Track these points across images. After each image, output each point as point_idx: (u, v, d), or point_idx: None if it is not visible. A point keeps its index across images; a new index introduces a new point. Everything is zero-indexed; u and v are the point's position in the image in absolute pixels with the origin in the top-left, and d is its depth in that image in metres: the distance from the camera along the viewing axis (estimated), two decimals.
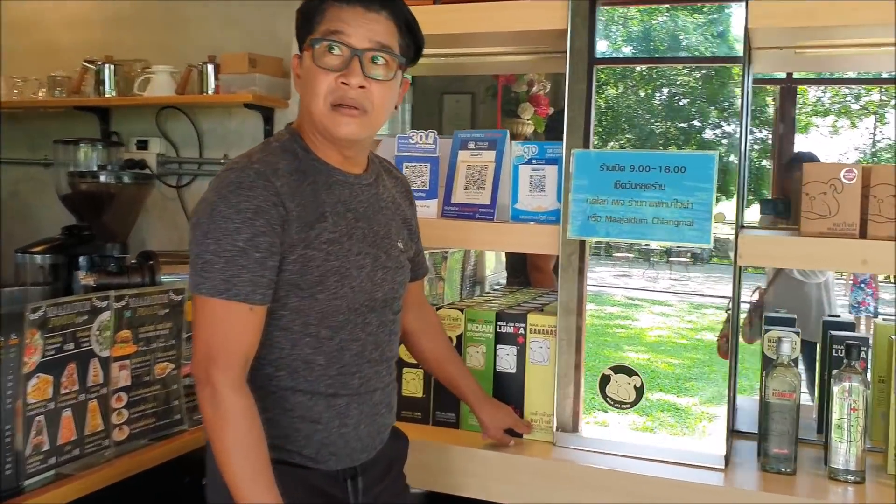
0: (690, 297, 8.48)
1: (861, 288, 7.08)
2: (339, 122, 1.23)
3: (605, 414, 1.69)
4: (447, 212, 1.84)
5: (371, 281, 1.29)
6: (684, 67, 1.84)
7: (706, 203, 1.57)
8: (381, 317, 1.32)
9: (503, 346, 1.76)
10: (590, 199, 1.65)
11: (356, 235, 1.28)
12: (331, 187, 1.28)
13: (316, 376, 1.25)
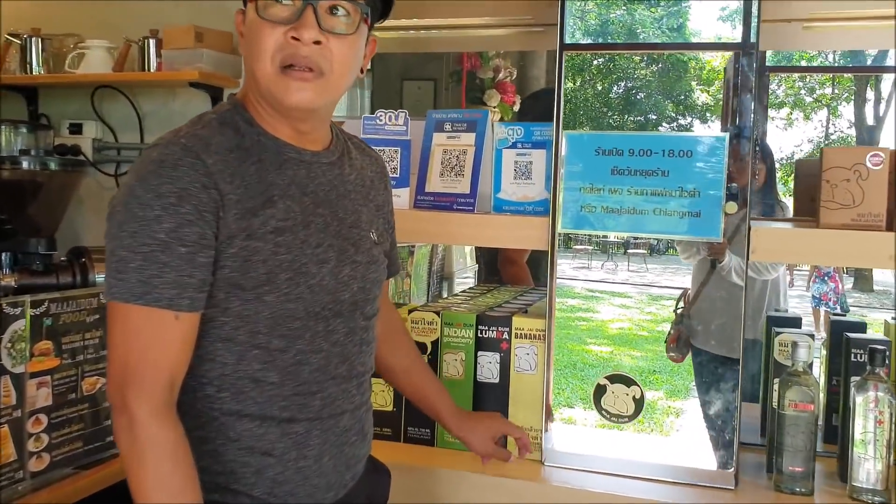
0: (649, 289, 8.53)
1: (824, 281, 7.05)
2: (290, 88, 1.01)
3: (596, 418, 1.50)
4: (420, 202, 1.63)
5: (335, 279, 1.07)
6: (641, 59, 1.70)
7: (715, 191, 1.39)
8: (349, 323, 1.11)
9: (485, 352, 1.57)
10: (583, 188, 1.46)
11: (315, 224, 1.06)
12: (282, 167, 1.06)
13: (267, 397, 1.03)
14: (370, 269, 1.15)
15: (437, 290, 3.21)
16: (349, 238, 1.12)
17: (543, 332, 1.52)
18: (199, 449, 1.01)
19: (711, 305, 1.55)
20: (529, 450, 1.42)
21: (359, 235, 1.14)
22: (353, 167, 1.18)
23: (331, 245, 1.08)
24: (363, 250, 1.13)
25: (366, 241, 1.15)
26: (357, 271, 1.12)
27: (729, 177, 1.39)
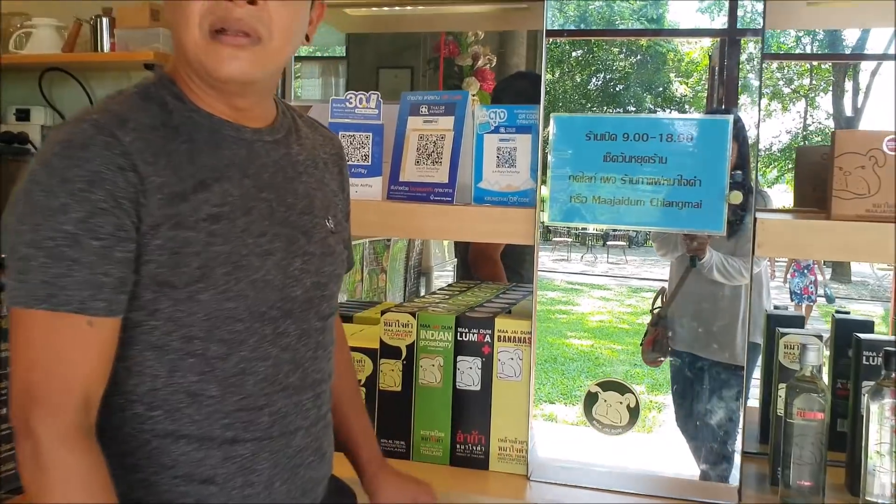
0: (629, 281, 8.55)
1: (803, 274, 7.00)
2: (221, 57, 0.87)
3: (584, 429, 1.38)
4: (394, 192, 1.49)
5: (284, 273, 0.93)
6: (620, 51, 1.63)
7: (718, 180, 1.27)
8: (301, 324, 0.97)
9: (465, 357, 1.43)
10: (573, 176, 1.33)
11: (258, 210, 0.92)
12: (218, 146, 0.92)
13: (206, 415, 0.89)
14: (326, 262, 1.00)
15: (414, 286, 3.08)
16: (299, 226, 0.97)
17: (529, 334, 1.39)
18: (128, 479, 0.86)
19: (695, 306, 1.42)
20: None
21: (311, 223, 0.99)
22: (304, 146, 1.04)
23: (277, 234, 0.94)
24: (317, 240, 0.99)
25: (320, 229, 1.00)
26: (310, 264, 0.97)
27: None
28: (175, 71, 0.94)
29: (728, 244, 1.34)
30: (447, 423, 1.44)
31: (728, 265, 1.35)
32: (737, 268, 1.36)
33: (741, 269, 1.35)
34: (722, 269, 1.35)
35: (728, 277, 1.36)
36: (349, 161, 1.50)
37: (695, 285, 1.38)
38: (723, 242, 1.34)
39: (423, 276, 3.22)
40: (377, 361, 1.47)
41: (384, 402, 1.47)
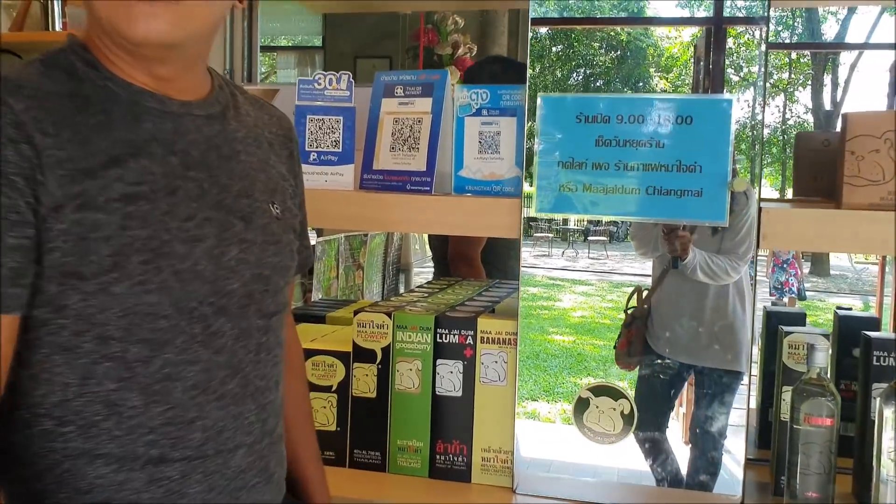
0: (610, 276, 8.54)
1: (783, 268, 6.93)
2: (134, 15, 0.75)
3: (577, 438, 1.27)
4: (368, 182, 1.37)
5: (217, 263, 0.82)
6: (601, 46, 1.56)
7: (720, 166, 1.16)
8: (240, 322, 0.85)
9: (445, 360, 1.32)
10: (563, 163, 1.22)
11: (185, 191, 0.81)
12: (137, 119, 0.80)
13: (128, 429, 0.77)
14: (269, 252, 0.88)
15: (392, 283, 2.96)
16: (236, 210, 0.86)
17: (514, 335, 1.28)
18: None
19: (677, 306, 1.31)
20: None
21: (251, 207, 0.88)
22: (244, 124, 0.92)
23: (208, 218, 0.82)
24: (257, 226, 0.88)
25: (261, 214, 0.89)
26: (249, 253, 0.86)
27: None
28: (89, 37, 0.82)
29: (712, 241, 1.23)
30: (426, 433, 1.32)
31: (713, 265, 1.25)
32: (722, 267, 1.25)
33: (727, 269, 1.25)
34: (706, 269, 1.24)
35: (713, 277, 1.25)
36: (318, 147, 1.38)
37: (676, 283, 1.27)
38: (707, 239, 1.23)
39: (402, 273, 3.10)
40: (350, 366, 1.35)
41: (357, 410, 1.35)
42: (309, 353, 1.37)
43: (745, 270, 1.26)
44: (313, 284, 2.27)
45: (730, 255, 1.23)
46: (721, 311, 1.26)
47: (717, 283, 1.25)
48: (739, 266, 1.25)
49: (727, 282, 1.25)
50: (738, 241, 1.23)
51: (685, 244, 1.23)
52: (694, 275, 1.24)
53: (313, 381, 1.37)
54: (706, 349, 1.26)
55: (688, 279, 1.25)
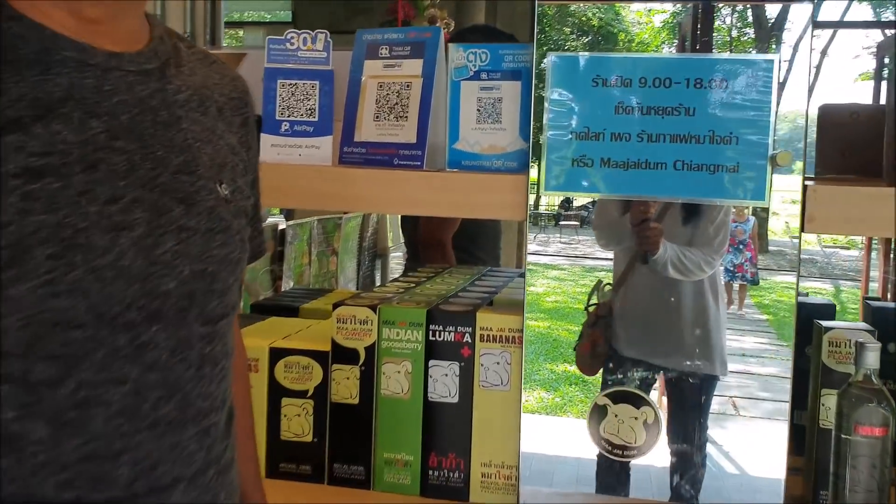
0: (583, 261, 8.48)
1: (739, 250, 6.80)
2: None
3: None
4: (348, 156, 1.19)
5: (148, 257, 0.64)
6: (572, 32, 1.46)
7: (760, 136, 1.00)
8: (178, 331, 0.67)
9: (439, 362, 1.14)
10: (577, 134, 1.05)
11: (109, 165, 0.63)
12: (48, 70, 0.62)
13: (33, 468, 0.59)
14: (215, 242, 0.70)
15: (368, 270, 2.78)
16: (174, 190, 0.67)
17: (519, 332, 1.11)
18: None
19: (645, 302, 1.16)
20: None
21: (193, 187, 0.69)
22: (188, 84, 0.74)
23: (138, 200, 0.64)
24: (201, 211, 0.70)
25: (206, 195, 0.71)
26: (191, 245, 0.68)
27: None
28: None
29: (683, 231, 1.08)
30: (417, 444, 1.15)
31: (685, 259, 1.09)
32: (696, 262, 1.10)
33: (700, 263, 1.10)
34: (678, 265, 1.09)
35: (685, 273, 1.10)
36: (290, 116, 1.19)
37: (644, 278, 1.11)
38: (676, 230, 1.08)
39: (378, 259, 2.92)
40: (328, 367, 1.18)
41: (337, 419, 1.18)
42: (281, 352, 1.19)
43: (719, 264, 1.11)
44: (284, 272, 2.08)
45: (704, 248, 1.08)
46: (696, 308, 1.11)
47: (688, 279, 1.10)
48: (714, 260, 1.11)
49: (699, 277, 1.11)
50: (712, 232, 1.08)
51: (656, 237, 1.07)
52: (665, 271, 1.09)
53: (286, 384, 1.19)
54: (680, 351, 1.11)
55: (657, 273, 1.10)
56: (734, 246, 3.34)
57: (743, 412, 2.79)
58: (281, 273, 2.08)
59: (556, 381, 4.69)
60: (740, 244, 3.73)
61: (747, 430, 1.16)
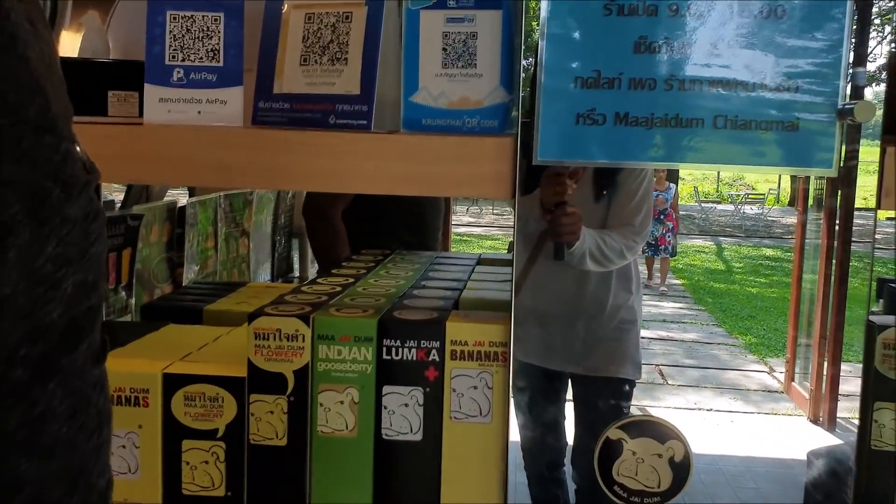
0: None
1: (660, 220, 6.70)
2: None
3: None
4: (266, 113, 0.88)
5: None
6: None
7: (829, 85, 0.75)
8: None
9: (396, 388, 0.86)
10: (583, 80, 0.77)
11: None
12: None
13: None
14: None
15: (284, 252, 2.44)
16: None
17: (504, 345, 0.84)
18: None
19: (543, 301, 0.93)
20: None
21: None
22: None
23: None
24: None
25: None
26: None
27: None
28: None
29: (595, 210, 0.86)
30: (367, 496, 0.87)
31: (605, 247, 0.86)
32: (616, 248, 0.87)
33: (622, 250, 0.88)
34: (597, 255, 0.86)
35: (603, 263, 0.87)
36: (184, 61, 0.87)
37: (548, 269, 0.87)
38: (588, 208, 0.85)
39: (294, 239, 2.59)
40: (244, 399, 0.88)
41: (259, 465, 0.88)
42: (179, 380, 0.88)
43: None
44: (185, 258, 1.74)
45: (624, 230, 0.85)
46: (600, 302, 0.89)
47: (605, 269, 0.88)
48: (636, 244, 0.88)
49: (618, 266, 0.88)
50: (633, 208, 0.86)
51: (574, 226, 0.83)
52: (582, 264, 0.85)
53: (187, 423, 0.88)
54: (583, 352, 0.89)
55: (567, 267, 0.86)
56: (655, 217, 2.91)
57: (671, 381, 2.54)
58: (181, 260, 1.73)
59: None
60: (661, 214, 3.28)
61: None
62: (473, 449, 0.85)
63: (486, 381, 0.85)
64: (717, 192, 11.78)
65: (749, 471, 0.95)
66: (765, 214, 9.40)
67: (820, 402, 1.61)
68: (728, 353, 4.39)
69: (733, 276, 5.82)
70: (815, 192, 1.03)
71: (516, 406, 0.98)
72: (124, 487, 0.90)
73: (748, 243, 8.83)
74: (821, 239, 1.50)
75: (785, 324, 1.26)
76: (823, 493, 0.84)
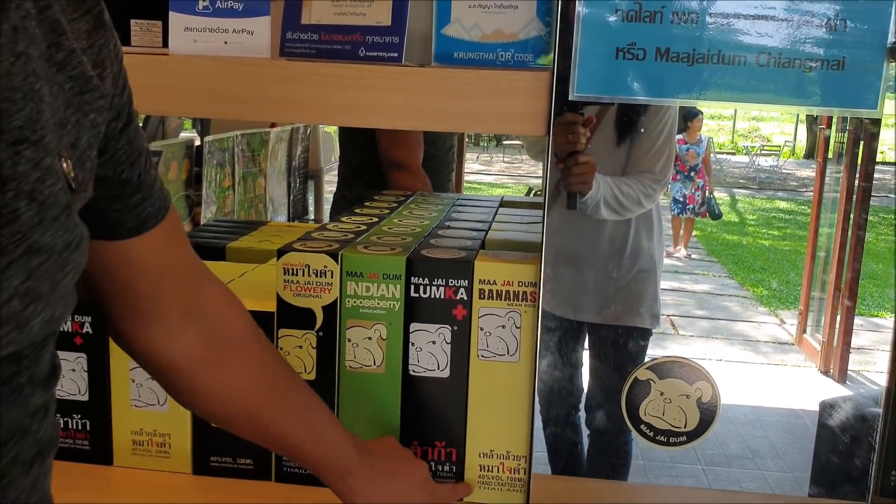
0: (527, 180, 8.36)
1: (688, 177, 6.25)
2: None
3: None
4: (293, 45, 0.86)
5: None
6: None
7: (878, 24, 0.73)
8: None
9: (423, 325, 0.86)
10: (623, 13, 0.75)
11: None
12: None
13: None
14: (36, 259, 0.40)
15: (300, 194, 2.43)
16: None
17: (533, 285, 0.84)
18: None
19: (559, 248, 0.92)
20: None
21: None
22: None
23: None
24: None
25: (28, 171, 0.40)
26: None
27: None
28: None
29: (615, 154, 0.84)
30: (394, 431, 0.88)
31: (622, 196, 0.85)
32: (634, 196, 0.86)
33: (640, 198, 0.86)
34: (613, 203, 0.85)
35: (620, 212, 0.86)
36: None
37: (564, 215, 0.86)
38: (608, 152, 0.83)
39: (310, 181, 2.58)
40: (274, 333, 0.88)
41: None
42: None
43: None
44: (203, 198, 1.73)
45: (642, 177, 0.84)
46: (620, 247, 0.88)
47: (622, 217, 0.86)
48: (655, 192, 0.87)
49: (635, 214, 0.87)
50: (654, 154, 0.85)
51: (587, 175, 0.82)
52: (596, 213, 0.84)
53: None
54: (602, 301, 0.88)
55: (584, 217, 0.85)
56: (684, 173, 2.48)
57: (682, 331, 2.54)
58: (199, 199, 1.73)
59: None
60: (691, 171, 2.74)
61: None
62: (500, 387, 0.86)
63: (514, 320, 0.85)
64: (733, 144, 11.65)
65: (759, 420, 0.95)
66: (780, 167, 9.30)
67: (831, 353, 1.60)
68: (740, 304, 4.37)
69: (746, 227, 5.77)
70: (836, 144, 1.02)
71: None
72: (154, 419, 0.91)
73: (762, 195, 8.75)
74: (840, 192, 1.48)
75: (797, 276, 1.26)
76: (850, 436, 0.84)
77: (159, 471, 0.92)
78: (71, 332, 0.91)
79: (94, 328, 0.90)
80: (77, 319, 0.90)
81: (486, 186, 7.09)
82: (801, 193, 7.93)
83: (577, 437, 0.92)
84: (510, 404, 0.86)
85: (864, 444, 0.84)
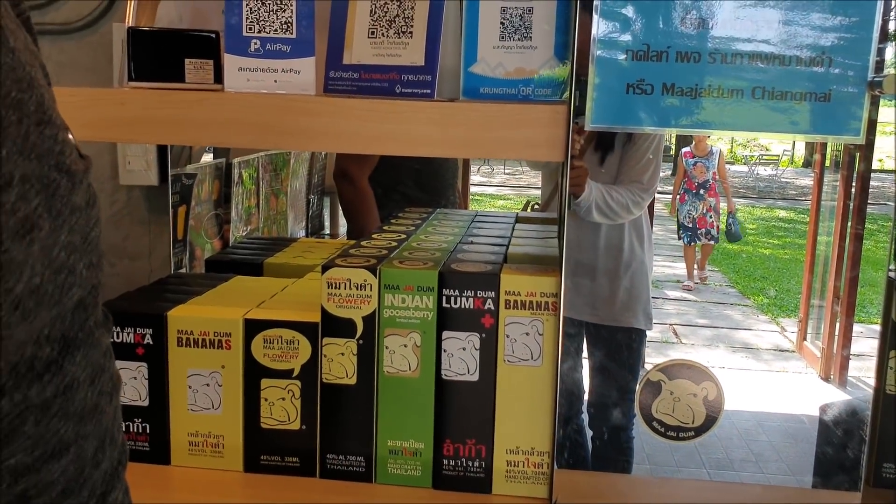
0: (528, 191, 8.48)
1: (698, 196, 5.41)
2: None
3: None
4: (336, 82, 0.95)
5: None
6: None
7: (859, 58, 0.82)
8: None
9: (455, 333, 0.95)
10: (633, 52, 0.85)
11: None
12: None
13: None
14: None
15: (317, 211, 2.53)
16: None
17: (554, 296, 0.93)
18: None
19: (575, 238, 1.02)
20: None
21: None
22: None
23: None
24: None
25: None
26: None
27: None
28: None
29: (606, 165, 0.95)
30: (428, 430, 0.97)
31: (611, 201, 0.95)
32: (623, 203, 0.96)
33: (628, 204, 0.97)
34: (603, 208, 0.95)
35: (610, 216, 0.97)
36: (260, 32, 0.94)
37: (572, 223, 0.97)
38: (597, 164, 0.94)
39: (326, 197, 2.67)
40: (318, 342, 0.97)
41: (331, 401, 0.98)
42: (258, 325, 0.97)
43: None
44: (232, 217, 1.83)
45: (631, 186, 0.95)
46: (615, 252, 0.98)
47: (612, 222, 0.97)
48: (643, 200, 0.97)
49: (626, 220, 0.97)
50: (641, 167, 0.96)
51: (580, 178, 0.92)
52: (588, 216, 0.94)
53: (266, 363, 0.98)
54: (598, 301, 0.98)
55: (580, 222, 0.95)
56: (692, 191, 2.18)
57: (685, 339, 2.63)
58: (228, 217, 1.82)
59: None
60: (700, 188, 2.29)
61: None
62: (525, 389, 0.95)
63: (537, 328, 0.94)
64: (731, 153, 11.72)
65: (761, 425, 1.03)
66: (778, 176, 9.41)
67: (831, 360, 1.68)
68: (741, 313, 4.46)
69: (747, 237, 5.86)
70: (833, 154, 1.10)
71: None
72: (209, 422, 1.00)
73: (762, 204, 8.83)
74: (837, 200, 1.56)
75: (797, 285, 1.31)
76: (843, 431, 0.92)
77: (213, 469, 1.01)
78: (133, 342, 1.00)
79: (154, 339, 1.00)
80: (139, 332, 1.00)
81: (487, 198, 7.22)
82: (800, 202, 7.97)
83: (581, 438, 1.00)
84: (534, 405, 0.95)
85: (857, 437, 0.93)
